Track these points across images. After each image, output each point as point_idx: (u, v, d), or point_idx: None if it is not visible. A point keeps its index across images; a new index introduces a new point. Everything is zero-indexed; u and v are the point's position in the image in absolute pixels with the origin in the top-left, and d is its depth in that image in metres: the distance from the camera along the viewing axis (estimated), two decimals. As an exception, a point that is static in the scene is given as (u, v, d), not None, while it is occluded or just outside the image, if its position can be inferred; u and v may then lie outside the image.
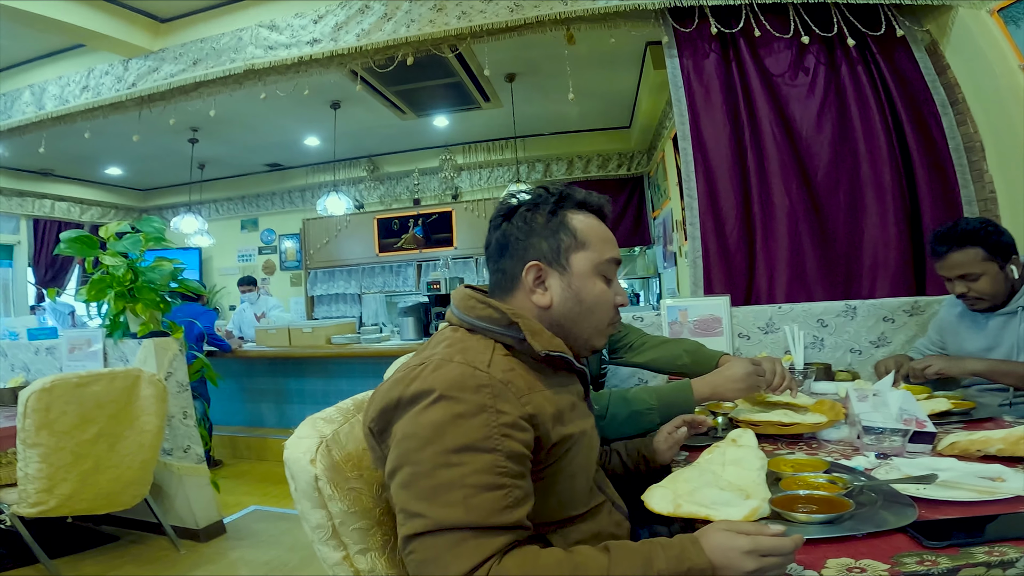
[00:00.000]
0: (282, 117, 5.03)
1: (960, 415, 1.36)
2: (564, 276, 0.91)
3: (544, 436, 0.79)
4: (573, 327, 0.92)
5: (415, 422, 0.74)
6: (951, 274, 1.64)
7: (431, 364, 0.78)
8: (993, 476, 0.88)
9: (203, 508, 2.62)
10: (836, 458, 1.11)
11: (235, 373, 4.11)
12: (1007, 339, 1.63)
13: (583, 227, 0.93)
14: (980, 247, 1.57)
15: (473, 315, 0.88)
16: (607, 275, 0.95)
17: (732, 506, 0.84)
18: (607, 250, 0.94)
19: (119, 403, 2.22)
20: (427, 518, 0.69)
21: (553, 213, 0.92)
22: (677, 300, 2.21)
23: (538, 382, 0.84)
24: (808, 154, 2.48)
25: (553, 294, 0.91)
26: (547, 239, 0.91)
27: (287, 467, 0.90)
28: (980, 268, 1.58)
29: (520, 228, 0.92)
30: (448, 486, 0.69)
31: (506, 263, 0.93)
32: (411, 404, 0.75)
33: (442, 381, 0.75)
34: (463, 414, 0.73)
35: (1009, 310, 1.62)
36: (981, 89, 2.40)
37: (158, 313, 2.50)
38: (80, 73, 3.56)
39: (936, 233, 1.67)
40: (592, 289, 0.92)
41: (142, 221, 2.55)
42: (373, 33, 2.90)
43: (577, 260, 0.91)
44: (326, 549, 0.89)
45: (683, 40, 2.59)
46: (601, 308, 0.93)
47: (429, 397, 0.74)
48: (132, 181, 7.20)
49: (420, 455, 0.72)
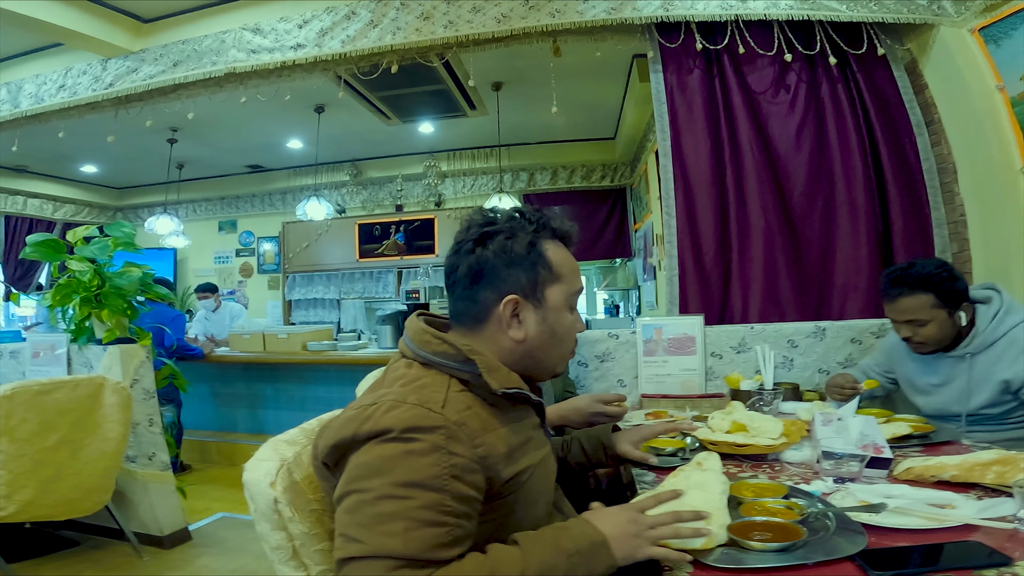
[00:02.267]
0: (265, 120, 4.99)
1: (919, 439, 1.39)
2: (539, 310, 0.90)
3: (495, 476, 0.79)
4: (543, 357, 0.92)
5: (368, 454, 0.74)
6: (900, 318, 1.63)
7: (384, 404, 0.77)
8: (943, 503, 0.90)
9: (168, 515, 2.58)
10: (797, 482, 1.13)
11: (208, 378, 4.04)
12: (956, 381, 1.63)
13: (557, 259, 0.92)
14: (932, 293, 1.56)
15: (428, 350, 0.87)
16: (573, 305, 0.95)
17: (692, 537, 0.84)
18: (576, 281, 0.95)
19: (81, 410, 2.18)
20: (364, 544, 0.69)
21: (532, 244, 0.90)
22: (652, 318, 2.24)
23: (493, 419, 0.84)
24: (785, 173, 2.52)
25: (528, 328, 0.90)
26: (526, 272, 0.89)
27: (246, 489, 0.90)
28: (929, 315, 1.57)
29: (497, 256, 0.88)
30: (391, 516, 0.69)
31: (480, 293, 0.89)
32: (364, 442, 0.75)
33: (396, 421, 0.74)
34: (415, 451, 0.73)
35: (957, 354, 1.62)
36: (957, 109, 2.43)
37: (125, 319, 2.45)
38: (57, 72, 3.50)
39: (889, 274, 1.64)
40: (563, 322, 0.92)
41: (112, 226, 2.50)
42: (358, 40, 2.89)
43: (552, 293, 0.91)
44: (286, 569, 0.89)
45: (668, 55, 2.61)
46: (570, 338, 0.94)
47: (382, 436, 0.74)
48: (108, 179, 7.07)
49: (368, 483, 0.72)
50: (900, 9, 2.45)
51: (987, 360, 1.57)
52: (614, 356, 2.26)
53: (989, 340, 1.57)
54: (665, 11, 2.55)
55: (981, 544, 0.78)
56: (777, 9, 2.49)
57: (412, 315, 0.95)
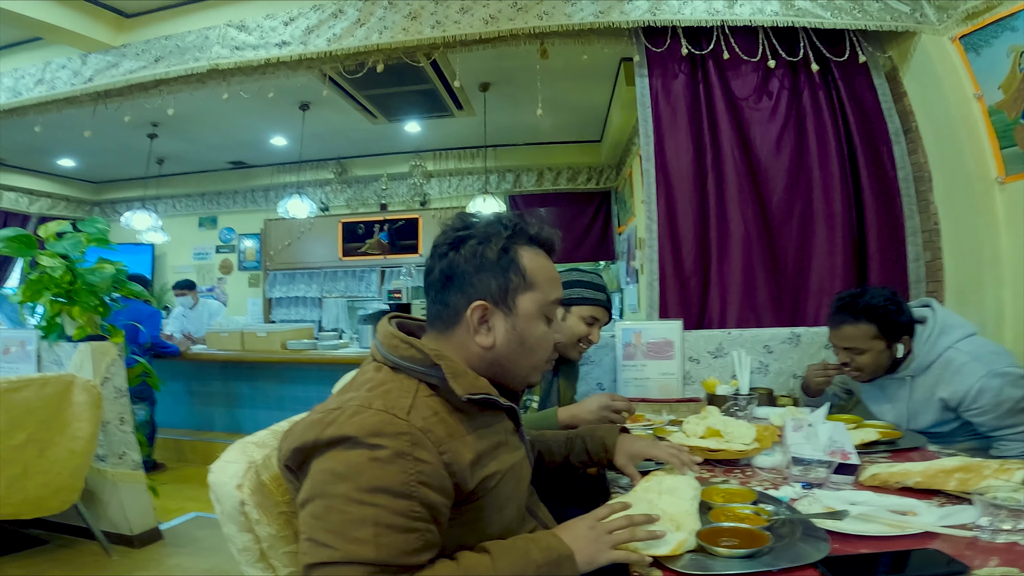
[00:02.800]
0: (249, 116, 4.93)
1: (887, 444, 1.42)
2: (509, 318, 0.88)
3: (462, 483, 0.79)
4: (512, 367, 0.90)
5: (333, 459, 0.74)
6: (839, 344, 1.66)
7: (348, 409, 0.76)
8: (906, 510, 0.92)
9: (138, 514, 2.55)
10: (767, 487, 1.15)
11: (185, 376, 3.98)
12: (899, 402, 1.67)
13: (532, 266, 0.90)
14: (874, 324, 1.58)
15: (396, 354, 0.86)
16: (549, 315, 0.93)
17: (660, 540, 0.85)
18: (553, 291, 0.92)
19: (50, 409, 2.15)
20: (336, 550, 0.68)
21: (505, 250, 0.89)
22: (632, 323, 2.25)
23: (460, 426, 0.82)
24: (765, 179, 2.54)
25: (497, 336, 0.88)
26: (496, 277, 0.88)
27: (212, 491, 0.89)
28: (866, 345, 1.60)
29: (468, 261, 0.88)
30: (360, 522, 0.69)
31: (451, 297, 0.89)
32: (327, 448, 0.74)
33: (359, 428, 0.73)
34: (380, 458, 0.72)
35: (899, 376, 1.65)
36: (934, 118, 2.45)
37: (97, 317, 2.40)
38: (36, 66, 3.44)
39: (839, 299, 1.67)
40: (535, 331, 0.90)
41: (85, 222, 2.45)
42: (345, 38, 2.87)
43: (524, 301, 0.89)
44: (253, 571, 0.89)
45: (654, 59, 2.62)
46: (542, 349, 0.92)
47: (345, 443, 0.73)
48: (85, 173, 6.93)
49: (334, 489, 0.71)
50: (883, 17, 2.47)
51: (926, 382, 1.60)
52: (593, 359, 2.27)
53: (926, 362, 1.60)
54: (652, 15, 2.56)
55: (940, 552, 0.79)
56: (763, 15, 2.51)
57: (383, 318, 0.94)
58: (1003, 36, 2.15)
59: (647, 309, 2.49)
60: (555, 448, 1.24)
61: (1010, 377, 1.47)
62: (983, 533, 0.83)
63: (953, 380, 1.53)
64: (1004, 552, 0.80)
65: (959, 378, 1.52)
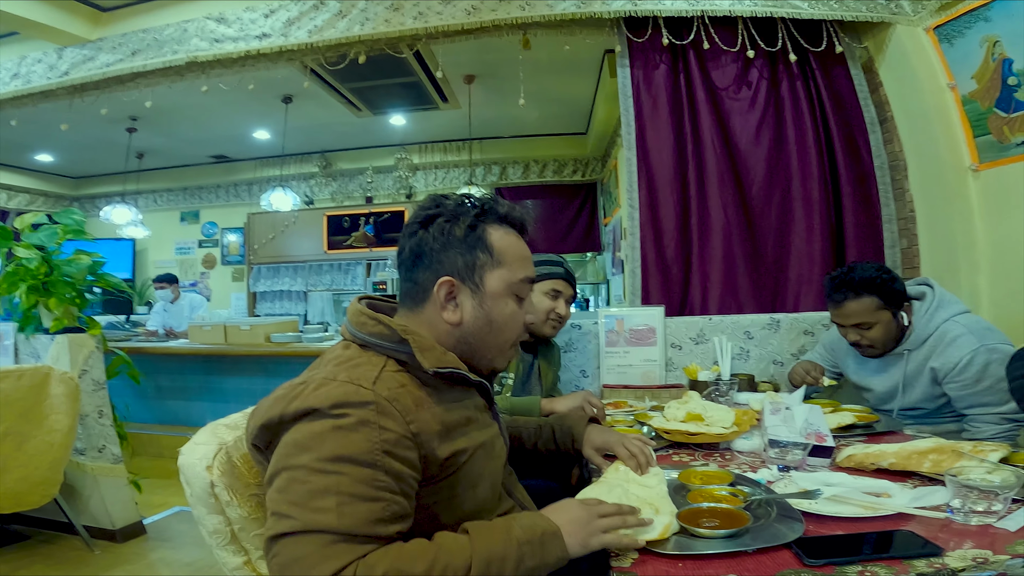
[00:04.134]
0: (230, 110, 4.86)
1: (863, 428, 1.45)
2: (476, 295, 0.89)
3: (430, 454, 0.78)
4: (480, 346, 0.90)
5: (298, 432, 0.73)
6: (846, 322, 1.65)
7: (313, 383, 0.76)
8: (879, 492, 0.93)
9: (120, 508, 2.52)
10: (745, 470, 1.16)
11: (165, 370, 3.93)
12: (892, 376, 1.68)
13: (501, 244, 0.90)
14: (876, 296, 1.58)
15: (364, 331, 0.86)
16: (520, 294, 0.93)
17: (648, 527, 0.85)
18: (522, 269, 0.92)
19: (27, 402, 2.11)
20: (296, 520, 0.68)
21: (472, 228, 0.89)
22: (614, 309, 2.26)
23: (428, 398, 0.82)
24: (745, 168, 2.57)
25: (464, 312, 0.89)
26: (463, 254, 0.88)
27: (181, 473, 0.89)
28: (874, 317, 1.60)
29: (436, 239, 0.88)
30: (323, 492, 0.69)
31: (419, 274, 0.90)
32: (293, 422, 0.74)
33: (324, 399, 0.73)
34: (343, 427, 0.72)
35: (897, 352, 1.67)
36: (909, 107, 2.50)
37: (74, 308, 2.37)
38: (12, 61, 3.38)
39: (832, 279, 1.66)
40: (503, 310, 0.90)
41: (61, 213, 2.41)
42: (326, 30, 2.84)
43: (491, 279, 0.89)
44: (225, 554, 0.89)
45: (635, 50, 2.63)
46: (510, 329, 0.92)
47: (310, 416, 0.73)
48: (64, 168, 6.80)
49: (297, 460, 0.71)
50: (859, 7, 2.50)
51: (921, 355, 1.62)
52: (576, 346, 2.28)
53: (923, 336, 1.62)
54: (634, 5, 2.56)
55: (914, 534, 0.80)
56: (741, 6, 2.53)
57: (354, 299, 0.94)
58: (976, 26, 2.19)
59: (630, 296, 2.50)
60: (524, 434, 1.25)
61: (999, 354, 1.49)
62: (956, 515, 0.84)
63: (946, 351, 1.55)
64: (978, 535, 0.80)
65: (951, 349, 1.54)
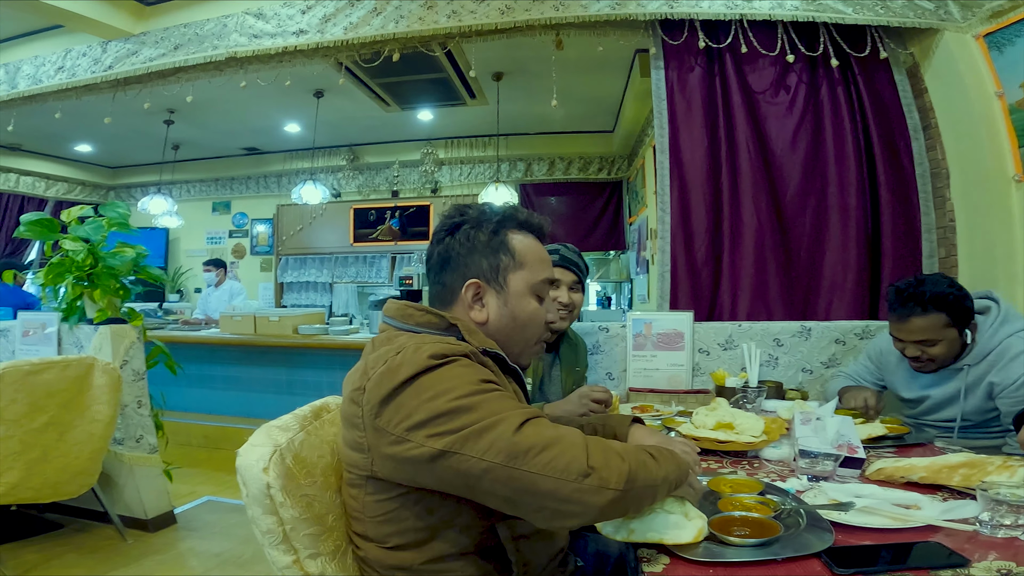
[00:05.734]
0: (263, 103, 4.96)
1: (894, 439, 1.43)
2: (501, 295, 0.96)
3: None
4: (505, 342, 0.96)
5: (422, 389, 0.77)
6: (909, 338, 1.56)
7: (409, 348, 0.81)
8: (909, 504, 0.94)
9: (153, 498, 2.58)
10: (773, 479, 1.17)
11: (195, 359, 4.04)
12: (948, 389, 1.62)
13: (522, 247, 0.97)
14: (945, 313, 1.50)
15: (412, 322, 0.92)
16: (540, 294, 0.99)
17: (681, 528, 0.86)
18: (542, 270, 0.99)
19: (71, 392, 2.17)
20: (476, 412, 0.75)
21: (495, 232, 0.96)
22: (642, 313, 2.26)
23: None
24: (780, 174, 2.53)
25: (490, 311, 0.95)
26: (487, 257, 0.95)
27: (239, 474, 0.91)
28: (940, 335, 1.52)
29: (463, 244, 0.96)
30: (489, 401, 0.77)
31: (447, 277, 0.97)
32: (409, 383, 0.77)
33: (429, 355, 0.79)
34: (462, 364, 0.81)
35: (956, 367, 1.60)
36: (954, 114, 2.43)
37: (117, 300, 2.45)
38: (57, 54, 3.48)
39: (898, 291, 1.56)
40: (526, 308, 0.97)
41: (106, 206, 2.48)
42: (361, 27, 2.87)
43: (514, 280, 0.96)
44: (276, 553, 0.91)
45: (670, 52, 2.61)
46: (533, 326, 0.99)
47: (425, 370, 0.78)
48: (101, 158, 7.01)
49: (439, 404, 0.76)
50: (906, 13, 2.44)
51: (980, 369, 1.57)
52: (603, 349, 2.29)
53: (985, 351, 1.56)
54: (670, 8, 2.54)
55: (941, 545, 0.81)
56: (782, 10, 2.49)
57: (389, 299, 1.01)
58: (1027, 34, 2.12)
59: (658, 300, 2.50)
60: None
61: None
62: (984, 528, 0.84)
63: (1008, 367, 1.51)
64: (1003, 547, 0.81)
65: (1013, 365, 1.50)
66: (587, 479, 0.71)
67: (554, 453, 0.72)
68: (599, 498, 0.72)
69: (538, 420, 0.77)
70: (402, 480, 0.82)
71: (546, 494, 0.72)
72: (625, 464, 0.75)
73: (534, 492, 0.72)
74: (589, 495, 0.71)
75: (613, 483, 0.72)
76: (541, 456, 0.72)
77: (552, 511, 0.73)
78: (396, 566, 0.85)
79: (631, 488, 0.74)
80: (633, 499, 0.76)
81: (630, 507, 0.78)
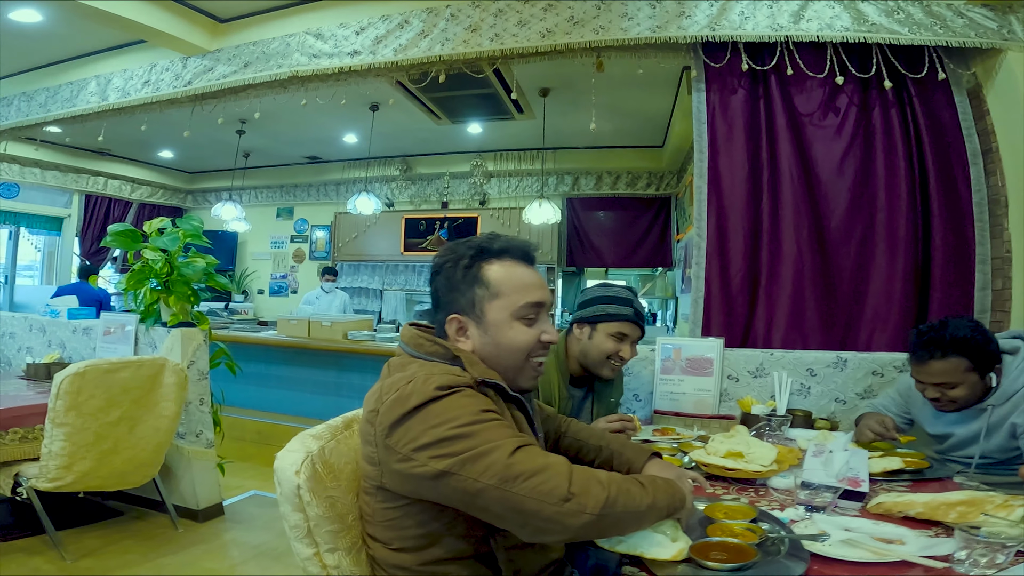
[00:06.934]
0: (324, 115, 5.24)
1: (912, 473, 1.42)
2: (481, 325, 1.02)
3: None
4: (497, 367, 1.03)
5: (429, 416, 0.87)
6: (929, 380, 1.57)
7: (419, 378, 0.91)
8: (894, 539, 0.95)
9: (206, 490, 2.76)
10: (775, 507, 1.20)
11: (254, 358, 4.30)
12: (972, 427, 1.61)
13: (497, 277, 1.02)
14: (966, 358, 1.51)
15: (422, 351, 1.02)
16: (527, 317, 1.03)
17: (663, 546, 0.93)
18: (523, 296, 1.03)
19: (143, 389, 2.37)
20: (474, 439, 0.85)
21: (468, 267, 1.03)
22: (672, 338, 2.29)
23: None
24: (825, 200, 2.46)
25: (473, 341, 1.03)
26: (464, 293, 1.02)
27: (276, 475, 1.04)
28: (960, 378, 1.53)
29: (443, 284, 1.05)
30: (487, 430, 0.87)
31: (438, 315, 1.06)
32: (418, 410, 0.88)
33: (437, 386, 0.89)
34: (465, 395, 0.90)
35: (980, 406, 1.58)
36: (1015, 139, 2.31)
37: (188, 305, 2.70)
38: (143, 68, 3.78)
39: (920, 335, 1.57)
40: (507, 333, 1.02)
41: (183, 219, 2.74)
42: (410, 49, 3.01)
43: (491, 309, 1.02)
44: (300, 545, 1.03)
45: (712, 74, 2.58)
46: (518, 350, 1.03)
47: (432, 399, 0.88)
48: (181, 164, 7.58)
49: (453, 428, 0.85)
50: (967, 32, 2.33)
51: (1004, 410, 1.55)
52: (631, 371, 2.32)
53: (1010, 392, 1.54)
54: (711, 31, 2.52)
55: None
56: (832, 31, 2.41)
57: (405, 325, 1.10)
58: (1095, 55, 2.01)
59: (691, 325, 2.51)
60: (585, 451, 1.33)
61: None
62: (960, 566, 0.85)
63: None
64: None
65: None
66: (567, 503, 0.80)
67: (541, 479, 0.81)
68: (576, 520, 0.81)
69: (529, 448, 0.86)
70: (407, 492, 0.92)
71: (531, 513, 0.81)
72: (604, 492, 0.83)
73: (520, 511, 0.82)
74: (567, 517, 0.81)
75: (590, 508, 0.81)
76: (529, 481, 0.81)
77: (535, 528, 0.83)
78: (398, 565, 0.96)
79: (608, 513, 0.82)
80: (612, 522, 0.84)
81: (609, 529, 0.86)
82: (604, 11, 2.69)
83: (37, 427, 2.24)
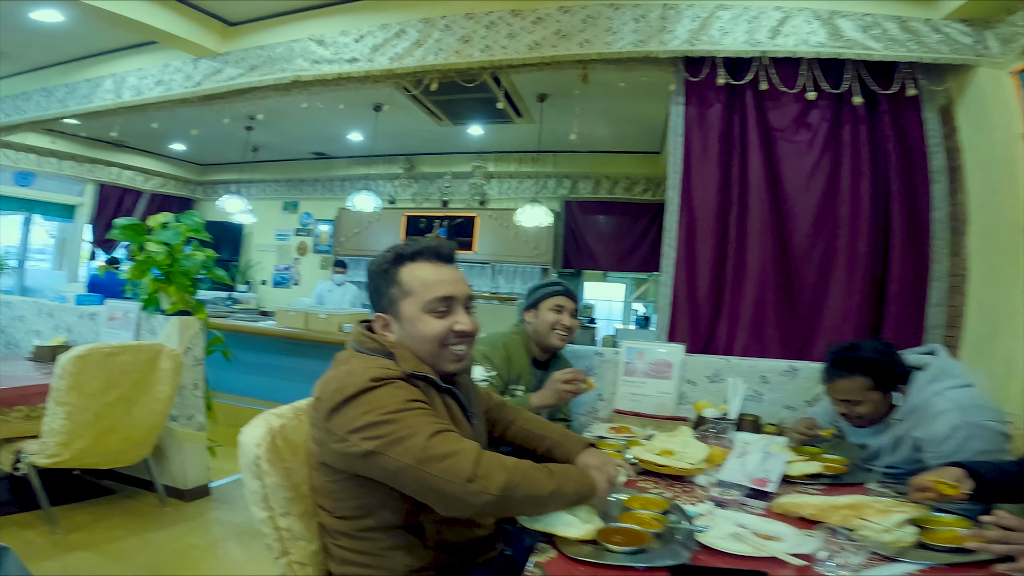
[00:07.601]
0: (329, 114, 5.35)
1: (831, 478, 1.54)
2: (399, 321, 1.18)
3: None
4: (420, 356, 1.16)
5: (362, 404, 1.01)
6: (836, 396, 1.71)
7: (357, 371, 1.06)
8: (776, 536, 1.08)
9: (194, 471, 2.91)
10: (693, 502, 1.32)
11: (251, 347, 4.46)
12: (883, 439, 1.71)
13: (408, 278, 1.17)
14: (868, 377, 1.62)
15: (363, 347, 1.17)
16: (439, 309, 1.16)
17: (571, 527, 1.07)
18: (431, 291, 1.16)
19: (141, 372, 2.52)
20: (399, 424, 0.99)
21: (385, 272, 1.18)
22: (635, 343, 2.41)
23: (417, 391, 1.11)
24: (791, 215, 2.54)
25: (395, 335, 1.18)
26: (384, 294, 1.18)
27: (239, 446, 1.19)
28: (863, 396, 1.64)
29: (371, 287, 1.22)
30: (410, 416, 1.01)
31: (374, 314, 1.22)
32: (353, 398, 1.02)
33: (371, 377, 1.04)
34: (394, 386, 1.04)
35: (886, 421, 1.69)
36: (980, 157, 2.33)
37: (187, 294, 2.87)
38: (156, 68, 3.93)
39: (833, 353, 1.70)
40: (418, 326, 1.16)
41: (184, 215, 2.92)
42: (405, 58, 3.13)
43: (405, 306, 1.17)
44: (256, 509, 1.18)
45: (690, 88, 2.66)
46: (430, 339, 1.16)
47: (366, 390, 1.02)
48: (193, 156, 7.78)
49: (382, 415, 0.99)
50: (940, 48, 2.33)
51: (908, 425, 1.64)
52: (597, 372, 2.46)
53: (912, 405, 1.64)
54: (691, 45, 2.59)
55: (762, 573, 0.93)
56: (807, 46, 2.46)
57: (355, 324, 1.25)
58: (1065, 72, 1.98)
59: (657, 330, 2.63)
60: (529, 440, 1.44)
61: (982, 431, 1.49)
62: (819, 565, 0.95)
63: (931, 424, 1.56)
64: None
65: (935, 423, 1.55)
66: (471, 484, 0.95)
67: (451, 462, 0.96)
68: (477, 499, 0.95)
69: (447, 434, 1.00)
70: (343, 468, 1.07)
71: (440, 491, 0.96)
72: (506, 476, 0.97)
73: (432, 488, 0.96)
74: (470, 496, 0.95)
75: (491, 489, 0.95)
76: (442, 463, 0.95)
77: (445, 504, 0.98)
78: (339, 531, 1.12)
79: (508, 495, 0.97)
80: (514, 503, 0.99)
81: (512, 509, 1.01)
82: (590, 25, 2.79)
83: (40, 406, 2.36)
